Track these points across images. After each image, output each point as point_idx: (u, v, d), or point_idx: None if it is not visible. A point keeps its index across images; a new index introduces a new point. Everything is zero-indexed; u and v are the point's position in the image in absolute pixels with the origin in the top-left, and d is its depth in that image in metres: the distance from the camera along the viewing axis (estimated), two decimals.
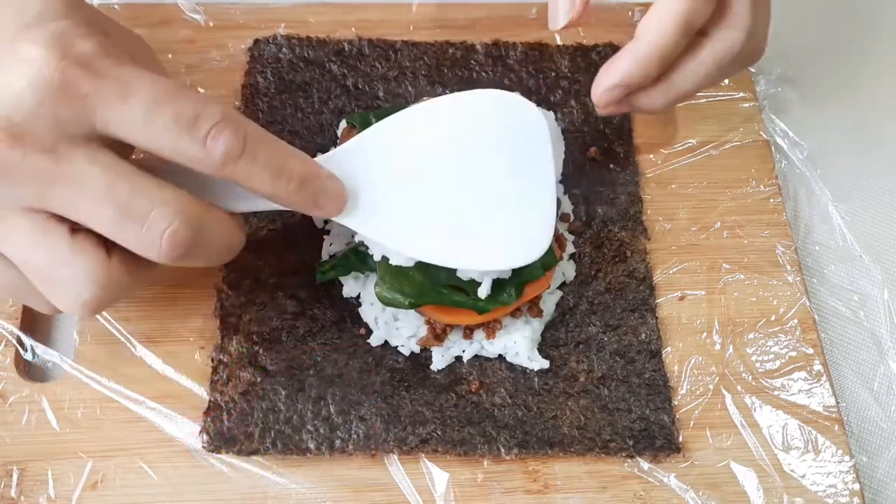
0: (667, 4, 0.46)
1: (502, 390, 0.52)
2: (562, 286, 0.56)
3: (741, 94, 0.65)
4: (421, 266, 0.49)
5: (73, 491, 0.48)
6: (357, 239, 0.52)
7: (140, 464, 0.49)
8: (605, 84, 0.49)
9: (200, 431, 0.49)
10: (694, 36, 0.48)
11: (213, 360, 0.51)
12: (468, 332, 0.53)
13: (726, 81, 0.65)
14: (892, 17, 0.73)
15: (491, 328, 0.52)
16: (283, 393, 0.51)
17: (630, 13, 0.68)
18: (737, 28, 0.48)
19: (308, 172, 0.43)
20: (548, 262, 0.51)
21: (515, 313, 0.52)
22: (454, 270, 0.49)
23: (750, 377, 0.54)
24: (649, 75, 0.48)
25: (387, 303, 0.50)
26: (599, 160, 0.61)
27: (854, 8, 0.74)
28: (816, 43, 0.71)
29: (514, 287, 0.50)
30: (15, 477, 0.48)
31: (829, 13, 0.73)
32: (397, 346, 0.53)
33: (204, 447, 0.49)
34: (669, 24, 0.45)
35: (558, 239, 0.55)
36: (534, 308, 0.53)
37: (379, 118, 0.49)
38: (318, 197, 0.43)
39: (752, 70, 0.66)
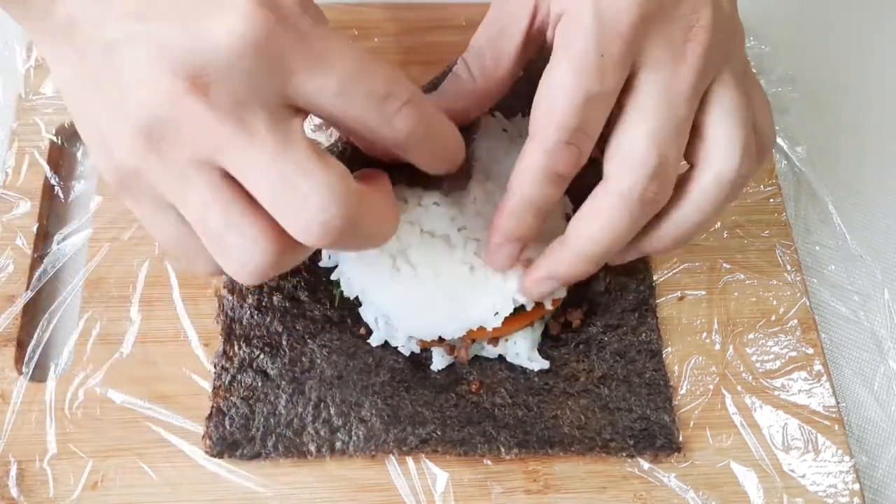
0: (527, 156, 0.43)
1: (502, 390, 0.52)
2: None
3: None
4: None
5: (73, 491, 0.48)
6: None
7: (140, 464, 0.49)
8: (493, 243, 0.46)
9: (203, 437, 0.49)
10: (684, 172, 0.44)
11: (214, 366, 0.51)
12: None
13: None
14: (892, 17, 0.73)
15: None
16: (283, 397, 0.51)
17: None
18: (721, 161, 0.43)
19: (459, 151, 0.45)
20: None
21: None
22: None
23: (750, 377, 0.54)
24: (531, 226, 0.44)
25: None
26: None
27: (855, 8, 0.74)
28: (817, 43, 0.71)
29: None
30: (14, 476, 0.48)
31: (829, 13, 0.73)
32: (397, 347, 0.53)
33: (206, 452, 0.49)
34: (531, 177, 0.42)
35: None
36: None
37: None
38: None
39: (753, 70, 0.66)
